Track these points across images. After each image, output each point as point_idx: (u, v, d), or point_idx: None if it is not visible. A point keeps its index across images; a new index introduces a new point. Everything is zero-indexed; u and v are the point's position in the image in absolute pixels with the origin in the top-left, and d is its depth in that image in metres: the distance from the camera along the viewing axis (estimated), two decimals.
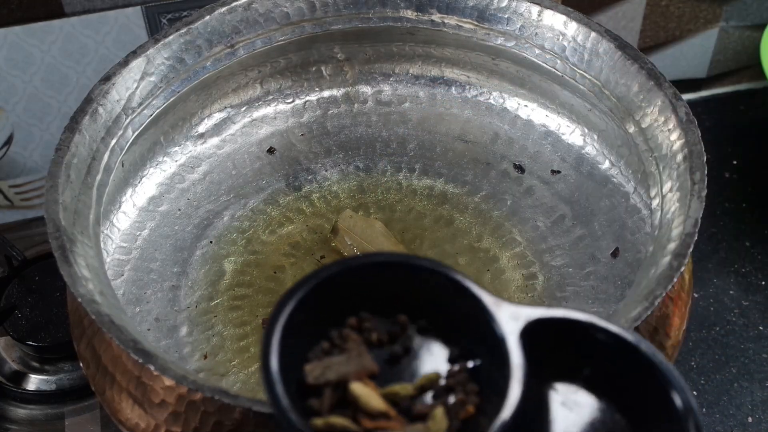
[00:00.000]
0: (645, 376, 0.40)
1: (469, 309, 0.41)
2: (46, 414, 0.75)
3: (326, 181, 0.73)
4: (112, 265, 0.66)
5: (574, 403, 0.41)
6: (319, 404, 0.39)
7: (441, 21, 0.71)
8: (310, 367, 0.40)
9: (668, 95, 0.62)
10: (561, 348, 0.41)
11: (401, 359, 0.42)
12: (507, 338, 0.40)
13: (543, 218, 0.70)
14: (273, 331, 0.39)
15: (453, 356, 0.42)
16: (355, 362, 0.41)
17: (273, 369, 0.38)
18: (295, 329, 0.40)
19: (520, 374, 0.39)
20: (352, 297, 0.42)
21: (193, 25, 0.68)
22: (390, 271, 0.42)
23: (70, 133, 0.61)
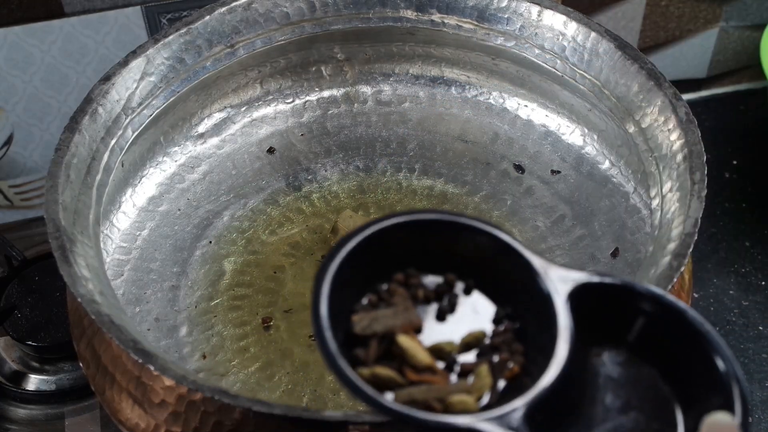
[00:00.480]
0: (691, 344, 0.40)
1: (517, 270, 0.41)
2: (46, 414, 0.75)
3: (326, 181, 0.73)
4: (112, 265, 0.66)
5: (618, 369, 0.41)
6: (365, 354, 0.40)
7: (441, 21, 0.71)
8: (357, 318, 0.40)
9: (668, 95, 0.62)
10: (607, 313, 0.41)
11: (447, 316, 0.42)
12: (555, 300, 0.40)
13: (543, 218, 0.70)
14: (323, 279, 0.39)
15: (499, 316, 0.42)
16: (402, 316, 0.41)
17: (323, 315, 0.39)
18: (344, 281, 0.40)
19: (567, 335, 0.39)
20: (401, 252, 0.42)
21: (193, 25, 0.68)
22: (440, 229, 0.42)
23: (70, 133, 0.61)
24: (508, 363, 0.40)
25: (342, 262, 0.40)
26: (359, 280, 0.41)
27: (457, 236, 0.42)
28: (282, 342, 0.63)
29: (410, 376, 0.40)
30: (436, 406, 0.39)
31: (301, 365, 0.62)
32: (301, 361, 0.62)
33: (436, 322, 0.42)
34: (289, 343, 0.63)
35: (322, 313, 0.39)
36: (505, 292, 0.42)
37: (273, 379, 0.61)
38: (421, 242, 0.42)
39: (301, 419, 0.47)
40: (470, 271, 0.43)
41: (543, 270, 0.40)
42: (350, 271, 0.40)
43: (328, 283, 0.40)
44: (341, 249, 0.40)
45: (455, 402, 0.39)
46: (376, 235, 0.41)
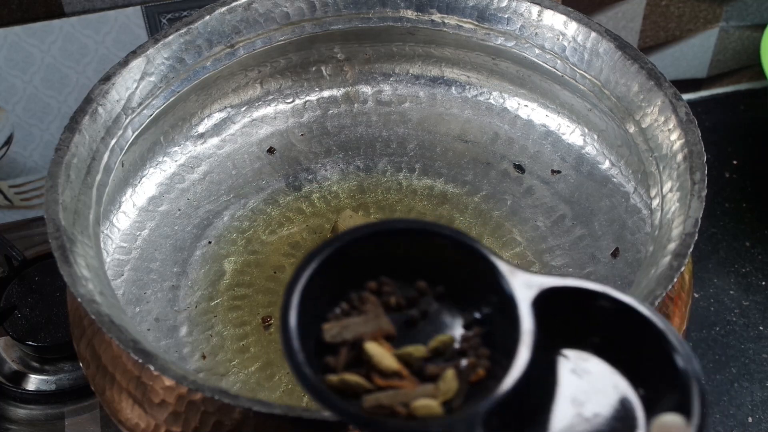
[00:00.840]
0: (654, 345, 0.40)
1: (485, 276, 0.42)
2: (46, 414, 0.75)
3: (326, 181, 0.73)
4: (112, 265, 0.66)
5: (583, 370, 0.41)
6: (335, 362, 0.40)
7: (441, 21, 0.71)
8: (328, 326, 0.41)
9: (668, 95, 0.62)
10: (573, 316, 0.42)
11: (418, 323, 0.43)
12: (519, 305, 0.40)
13: (543, 218, 0.70)
14: (294, 289, 0.40)
15: (468, 322, 0.43)
16: (372, 323, 0.41)
17: (291, 325, 0.39)
18: (315, 290, 0.41)
19: (529, 340, 0.40)
20: (373, 261, 0.43)
21: (193, 25, 0.68)
22: (411, 238, 0.43)
23: (70, 133, 0.61)
24: (474, 367, 0.41)
25: (313, 273, 0.41)
26: (332, 289, 0.42)
27: (427, 244, 0.43)
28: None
29: (378, 382, 0.40)
30: (400, 410, 0.39)
31: None
32: None
33: (407, 329, 0.43)
34: None
35: (290, 324, 0.39)
36: (474, 297, 0.43)
37: (273, 379, 0.61)
38: (393, 251, 0.43)
39: (301, 419, 0.47)
40: (441, 278, 0.43)
41: (509, 275, 0.41)
42: (322, 281, 0.41)
43: (298, 294, 0.40)
44: (312, 259, 0.41)
45: (419, 406, 0.39)
46: (347, 246, 0.42)
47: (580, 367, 0.42)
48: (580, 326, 0.42)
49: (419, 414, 0.39)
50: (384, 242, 0.43)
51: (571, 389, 0.41)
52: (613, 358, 0.42)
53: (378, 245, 0.43)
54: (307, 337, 0.40)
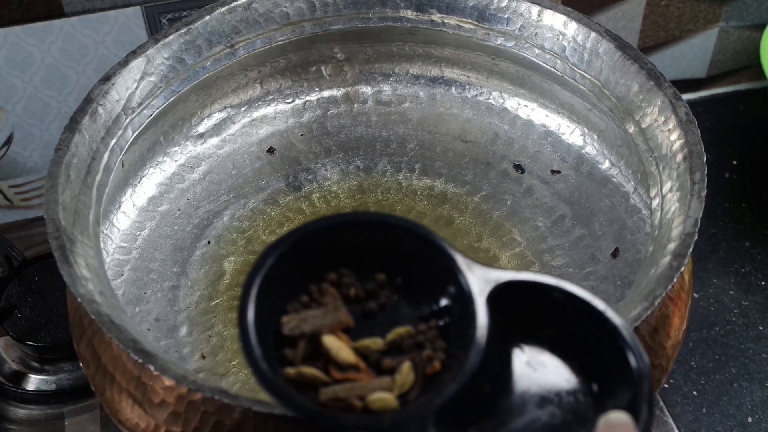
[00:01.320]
0: (607, 339, 0.41)
1: (442, 269, 0.42)
2: (46, 414, 0.75)
3: (326, 181, 0.73)
4: (112, 265, 0.66)
5: (538, 363, 0.42)
6: (293, 354, 0.40)
7: (441, 21, 0.71)
8: (286, 319, 0.41)
9: (668, 95, 0.62)
10: (530, 310, 0.42)
11: (377, 315, 0.43)
12: (476, 299, 0.41)
13: (543, 218, 0.70)
14: (252, 283, 0.41)
15: (425, 314, 0.43)
16: (331, 316, 0.42)
17: (248, 319, 0.40)
18: (274, 283, 0.41)
19: (483, 334, 0.40)
20: (332, 253, 0.43)
21: (193, 25, 0.68)
22: (369, 230, 0.43)
23: (70, 133, 0.61)
24: (431, 359, 0.41)
25: (272, 266, 0.41)
26: (292, 281, 0.42)
27: (386, 236, 0.44)
28: None
29: (335, 375, 0.41)
30: (356, 404, 0.40)
31: None
32: None
33: (365, 321, 0.43)
34: None
35: (248, 318, 0.40)
36: (433, 289, 0.43)
37: None
38: (353, 243, 0.43)
39: (301, 419, 0.47)
40: (400, 270, 0.44)
41: (466, 268, 0.42)
42: (282, 274, 0.41)
43: (256, 287, 0.41)
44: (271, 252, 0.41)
45: (374, 399, 0.40)
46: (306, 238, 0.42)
47: (536, 360, 0.42)
48: (537, 320, 0.42)
49: (375, 407, 0.40)
50: (343, 234, 0.43)
51: (526, 382, 0.41)
52: (569, 353, 0.42)
53: (337, 237, 0.43)
54: (267, 330, 0.40)
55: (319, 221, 0.43)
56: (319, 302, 0.42)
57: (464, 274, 0.42)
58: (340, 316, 0.42)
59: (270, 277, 0.41)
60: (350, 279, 0.43)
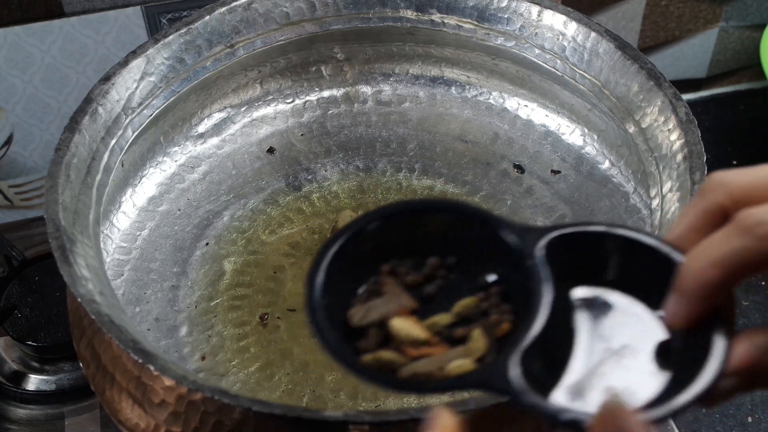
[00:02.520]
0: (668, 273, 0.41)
1: (493, 237, 0.43)
2: (46, 414, 0.75)
3: (326, 181, 0.73)
4: (112, 265, 0.66)
5: (605, 306, 0.43)
6: (366, 343, 0.41)
7: (441, 21, 0.71)
8: (353, 312, 0.42)
9: (668, 95, 0.62)
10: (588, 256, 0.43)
11: (436, 296, 0.44)
12: (530, 256, 0.42)
13: (543, 218, 0.70)
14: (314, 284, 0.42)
15: (483, 284, 0.44)
16: (394, 301, 0.43)
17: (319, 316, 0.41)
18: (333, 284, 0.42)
19: (547, 287, 0.41)
20: (381, 245, 0.44)
21: (193, 25, 0.68)
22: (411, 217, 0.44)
23: (70, 133, 0.61)
24: (499, 322, 0.42)
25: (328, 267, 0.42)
26: (348, 280, 0.43)
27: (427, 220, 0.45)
28: (282, 342, 0.63)
29: (411, 353, 0.42)
30: (437, 374, 0.41)
31: (301, 365, 0.62)
32: (301, 361, 0.62)
33: (427, 303, 0.44)
34: (289, 343, 0.63)
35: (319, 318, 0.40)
36: (485, 260, 0.44)
37: (273, 379, 0.61)
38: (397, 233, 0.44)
39: (301, 419, 0.47)
40: (450, 248, 0.44)
41: (515, 231, 0.43)
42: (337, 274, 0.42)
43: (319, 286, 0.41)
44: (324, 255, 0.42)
45: (454, 368, 0.41)
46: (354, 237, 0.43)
47: (600, 303, 0.43)
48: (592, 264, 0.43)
49: (454, 374, 0.41)
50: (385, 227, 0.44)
51: (596, 325, 0.42)
52: (629, 289, 0.43)
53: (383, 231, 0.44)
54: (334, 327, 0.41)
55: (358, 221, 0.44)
56: (380, 292, 0.43)
57: (514, 237, 0.42)
58: (403, 300, 0.43)
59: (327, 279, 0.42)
60: (403, 267, 0.44)
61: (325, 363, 0.62)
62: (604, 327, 0.42)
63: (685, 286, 0.39)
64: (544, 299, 0.41)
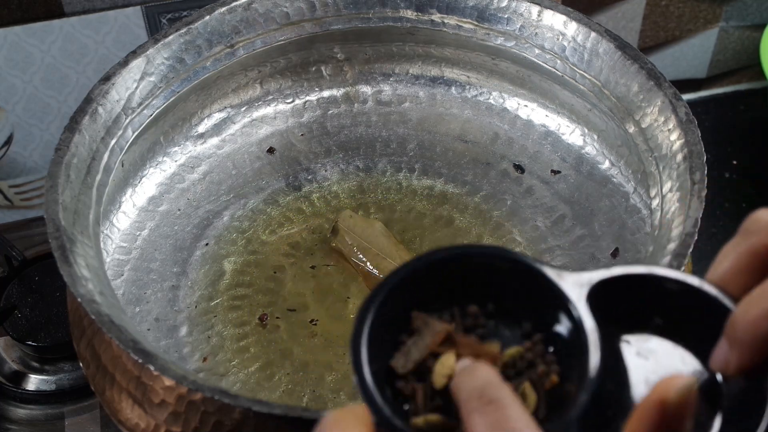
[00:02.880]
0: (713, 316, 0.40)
1: (532, 285, 0.42)
2: (46, 414, 0.75)
3: (326, 181, 0.73)
4: (112, 265, 0.66)
5: (648, 351, 0.42)
6: (414, 406, 0.40)
7: (441, 21, 0.71)
8: (395, 362, 0.41)
9: (668, 95, 0.62)
10: (628, 302, 0.42)
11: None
12: (576, 306, 0.41)
13: (543, 218, 0.70)
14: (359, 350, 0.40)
15: (525, 332, 0.43)
16: (428, 332, 0.42)
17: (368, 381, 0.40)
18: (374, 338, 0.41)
19: (595, 337, 0.40)
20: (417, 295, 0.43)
21: (193, 25, 0.68)
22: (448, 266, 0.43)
23: (70, 133, 0.61)
24: (547, 374, 0.41)
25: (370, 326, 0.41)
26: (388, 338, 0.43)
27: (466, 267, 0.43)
28: (282, 342, 0.63)
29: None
30: None
31: (301, 365, 0.62)
32: (301, 361, 0.62)
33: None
34: (289, 343, 0.63)
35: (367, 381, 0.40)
36: (526, 307, 0.43)
37: (273, 379, 0.61)
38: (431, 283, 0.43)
39: (301, 419, 0.47)
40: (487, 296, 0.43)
41: (558, 280, 0.42)
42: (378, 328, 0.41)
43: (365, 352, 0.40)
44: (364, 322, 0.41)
45: None
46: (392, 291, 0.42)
47: (644, 348, 0.42)
48: (636, 310, 0.42)
49: None
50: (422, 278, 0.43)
51: (641, 372, 0.41)
52: (675, 335, 0.42)
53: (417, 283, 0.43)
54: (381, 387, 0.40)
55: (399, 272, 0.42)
56: (411, 331, 0.42)
57: (558, 286, 0.42)
58: (435, 327, 0.42)
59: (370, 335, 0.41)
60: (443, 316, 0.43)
61: (325, 363, 0.62)
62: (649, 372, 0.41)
63: (740, 335, 0.37)
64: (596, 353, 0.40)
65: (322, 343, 0.63)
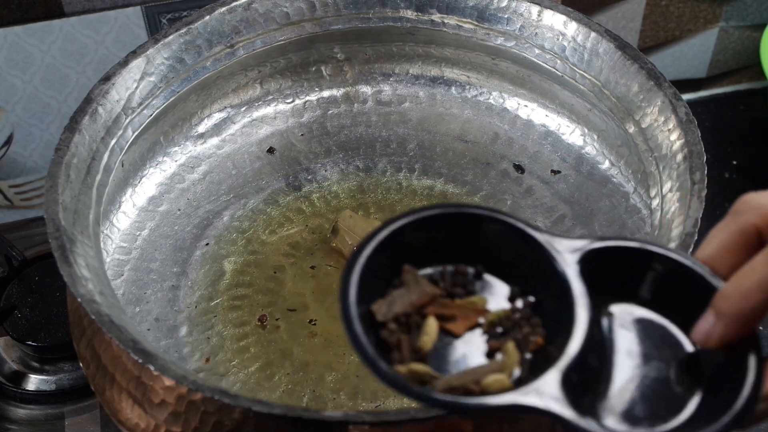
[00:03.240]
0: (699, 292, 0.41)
1: (523, 248, 0.43)
2: (46, 414, 0.75)
3: (326, 181, 0.73)
4: (112, 265, 0.66)
5: (633, 323, 0.42)
6: (399, 355, 0.41)
7: (441, 21, 0.71)
8: (376, 307, 0.42)
9: (668, 95, 0.62)
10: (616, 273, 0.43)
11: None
12: (566, 270, 0.41)
13: (543, 218, 0.70)
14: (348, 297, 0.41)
15: (513, 294, 0.44)
16: (415, 289, 0.42)
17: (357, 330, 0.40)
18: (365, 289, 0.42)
19: (584, 301, 0.41)
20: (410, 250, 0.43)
21: (193, 25, 0.68)
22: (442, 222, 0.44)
23: (70, 133, 0.61)
24: (531, 336, 0.42)
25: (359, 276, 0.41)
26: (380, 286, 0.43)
27: (460, 226, 0.44)
28: (282, 342, 0.63)
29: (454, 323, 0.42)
30: (474, 389, 0.40)
31: (301, 365, 0.62)
32: (301, 361, 0.62)
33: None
34: (289, 343, 0.63)
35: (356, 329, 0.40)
36: (515, 270, 0.43)
37: (273, 379, 0.61)
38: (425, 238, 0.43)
39: (301, 419, 0.47)
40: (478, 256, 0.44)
41: (548, 244, 0.42)
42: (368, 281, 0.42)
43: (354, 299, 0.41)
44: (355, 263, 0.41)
45: (491, 382, 0.40)
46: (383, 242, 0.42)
47: (629, 320, 0.42)
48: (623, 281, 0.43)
49: (492, 390, 0.40)
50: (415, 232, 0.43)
51: (624, 342, 0.42)
52: (660, 308, 0.42)
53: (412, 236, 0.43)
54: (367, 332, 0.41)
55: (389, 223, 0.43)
56: (400, 283, 0.43)
57: (549, 249, 0.42)
58: (424, 288, 0.42)
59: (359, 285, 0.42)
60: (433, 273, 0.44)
61: (325, 363, 0.62)
62: (634, 344, 0.41)
63: (728, 308, 0.38)
64: (580, 317, 0.40)
65: (322, 343, 0.63)
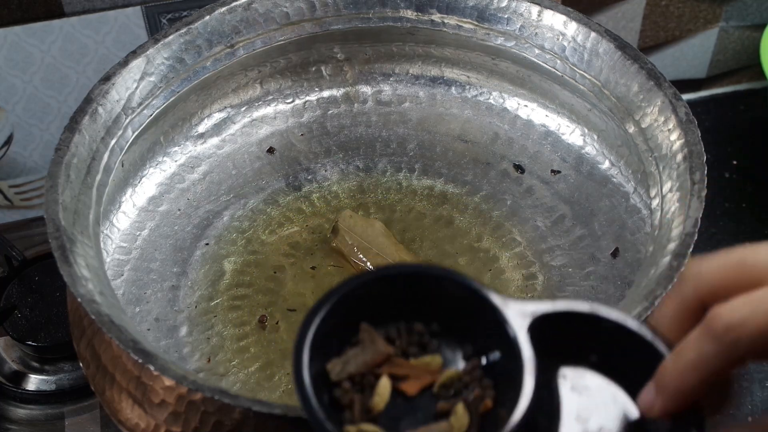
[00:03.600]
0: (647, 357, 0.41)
1: (477, 309, 0.43)
2: (46, 414, 0.75)
3: (326, 181, 0.73)
4: (112, 265, 0.66)
5: (582, 387, 0.42)
6: (350, 415, 0.41)
7: (441, 21, 0.71)
8: (330, 365, 0.42)
9: (668, 95, 0.62)
10: (568, 336, 0.43)
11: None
12: (517, 334, 0.41)
13: (543, 218, 0.70)
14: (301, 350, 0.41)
15: (466, 354, 0.43)
16: (370, 349, 0.42)
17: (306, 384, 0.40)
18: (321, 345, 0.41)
19: (531, 366, 0.41)
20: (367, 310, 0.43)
21: (193, 25, 0.68)
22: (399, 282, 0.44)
23: (70, 133, 0.61)
24: (482, 398, 0.42)
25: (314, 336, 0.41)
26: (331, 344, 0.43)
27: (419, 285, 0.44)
28: (282, 342, 0.63)
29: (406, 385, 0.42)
30: None
31: None
32: None
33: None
34: (289, 343, 0.63)
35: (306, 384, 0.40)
36: (469, 330, 0.44)
37: (273, 379, 0.61)
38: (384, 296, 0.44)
39: (301, 419, 0.47)
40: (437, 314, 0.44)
41: (503, 306, 0.42)
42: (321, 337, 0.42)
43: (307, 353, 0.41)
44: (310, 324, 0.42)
45: None
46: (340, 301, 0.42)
47: (579, 383, 0.42)
48: (576, 344, 0.43)
49: None
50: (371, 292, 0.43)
51: (574, 406, 0.42)
52: (610, 373, 0.42)
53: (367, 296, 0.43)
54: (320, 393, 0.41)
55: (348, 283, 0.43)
56: (355, 342, 0.43)
57: (501, 312, 0.42)
58: (379, 347, 0.42)
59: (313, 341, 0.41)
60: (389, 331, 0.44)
61: None
62: (581, 408, 0.42)
63: (666, 383, 0.39)
64: (530, 381, 0.40)
65: None
